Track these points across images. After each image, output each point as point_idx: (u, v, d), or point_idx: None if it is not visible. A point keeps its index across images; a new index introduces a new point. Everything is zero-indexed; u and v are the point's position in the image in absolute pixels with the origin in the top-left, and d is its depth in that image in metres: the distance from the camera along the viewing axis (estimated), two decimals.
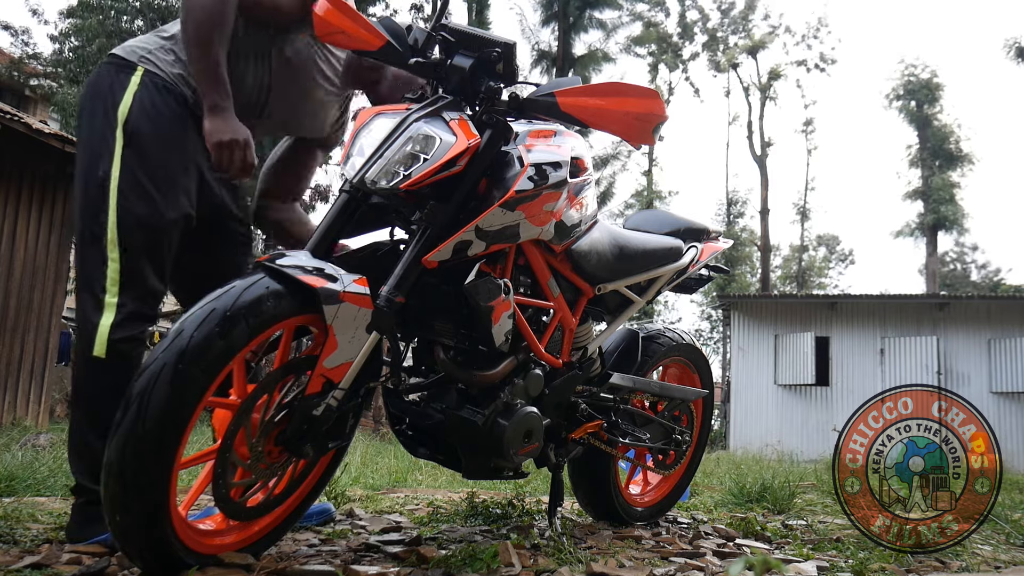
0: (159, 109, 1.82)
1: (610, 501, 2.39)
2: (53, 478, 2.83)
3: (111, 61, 1.88)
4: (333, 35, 1.72)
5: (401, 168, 1.54)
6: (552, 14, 19.92)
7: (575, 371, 2.06)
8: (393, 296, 1.51)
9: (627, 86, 1.61)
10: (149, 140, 1.79)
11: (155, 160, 1.79)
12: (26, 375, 7.82)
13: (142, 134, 1.79)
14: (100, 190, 1.76)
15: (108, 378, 1.69)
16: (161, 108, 1.82)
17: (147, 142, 1.79)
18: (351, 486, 3.30)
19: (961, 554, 2.11)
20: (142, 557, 1.33)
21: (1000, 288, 27.47)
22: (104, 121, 1.80)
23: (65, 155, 7.40)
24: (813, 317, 15.18)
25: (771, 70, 28.73)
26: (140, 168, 1.78)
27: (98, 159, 1.79)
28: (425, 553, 1.69)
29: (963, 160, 26.60)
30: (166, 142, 1.81)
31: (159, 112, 1.82)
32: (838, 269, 37.81)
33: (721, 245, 2.58)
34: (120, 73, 1.84)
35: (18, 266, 7.63)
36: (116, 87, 1.82)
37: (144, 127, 1.79)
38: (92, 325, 1.72)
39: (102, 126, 1.80)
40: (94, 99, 1.85)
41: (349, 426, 1.62)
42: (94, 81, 1.88)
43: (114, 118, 1.79)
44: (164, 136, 1.81)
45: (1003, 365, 14.13)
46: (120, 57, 1.87)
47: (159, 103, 1.82)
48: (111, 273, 1.74)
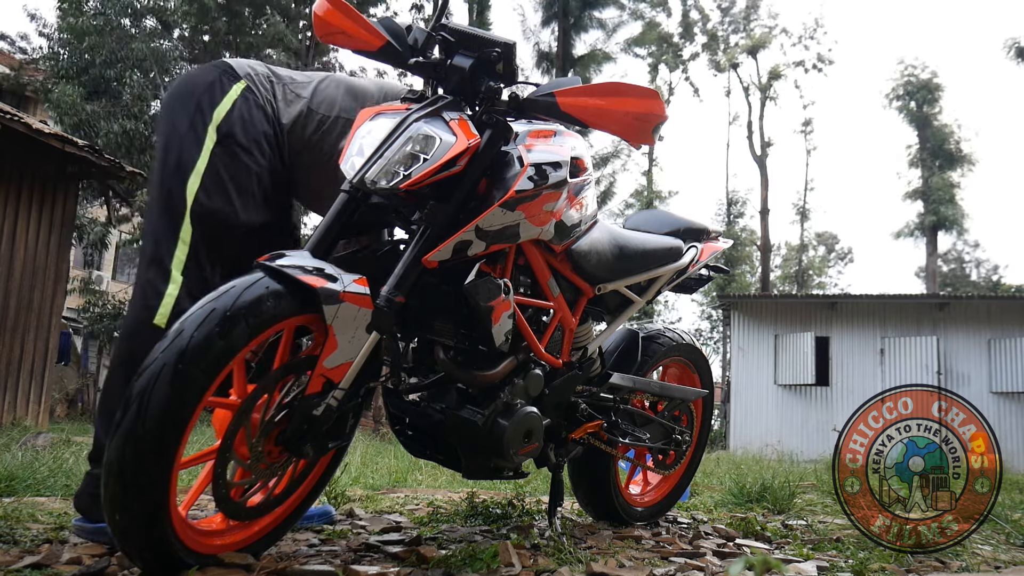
0: (255, 123, 1.92)
1: (610, 501, 2.40)
2: (53, 478, 2.83)
3: (217, 65, 1.99)
4: (333, 35, 1.72)
5: (401, 168, 1.54)
6: (552, 14, 19.94)
7: (575, 371, 2.06)
8: (393, 296, 1.51)
9: (627, 86, 1.61)
10: (239, 146, 1.88)
11: (241, 165, 1.88)
12: (26, 375, 7.83)
13: (235, 138, 1.88)
14: (180, 172, 1.85)
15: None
16: (257, 123, 1.92)
17: (237, 147, 1.88)
18: (351, 486, 3.30)
19: (961, 554, 2.11)
20: (142, 557, 1.33)
21: (1000, 288, 27.49)
22: (197, 113, 1.89)
23: (65, 155, 7.41)
24: (813, 317, 15.18)
25: (771, 70, 28.73)
26: (225, 168, 1.86)
27: (182, 142, 1.87)
28: (425, 553, 1.69)
29: (963, 160, 26.63)
30: (253, 153, 1.90)
31: (255, 126, 1.91)
32: (837, 268, 37.87)
33: (721, 245, 2.58)
34: (224, 77, 1.94)
35: (18, 266, 7.64)
36: (216, 88, 1.92)
37: (237, 133, 1.89)
38: (158, 293, 1.80)
39: (194, 116, 1.89)
40: (191, 90, 1.93)
41: (349, 426, 1.62)
42: (195, 75, 1.99)
43: (209, 114, 1.88)
44: (253, 147, 1.90)
45: (1003, 365, 14.13)
46: (228, 65, 1.98)
47: (257, 118, 1.92)
48: (179, 253, 1.82)
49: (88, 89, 13.78)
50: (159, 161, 1.91)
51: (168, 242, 1.83)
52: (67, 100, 12.38)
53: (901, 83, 27.81)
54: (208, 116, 1.88)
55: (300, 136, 1.98)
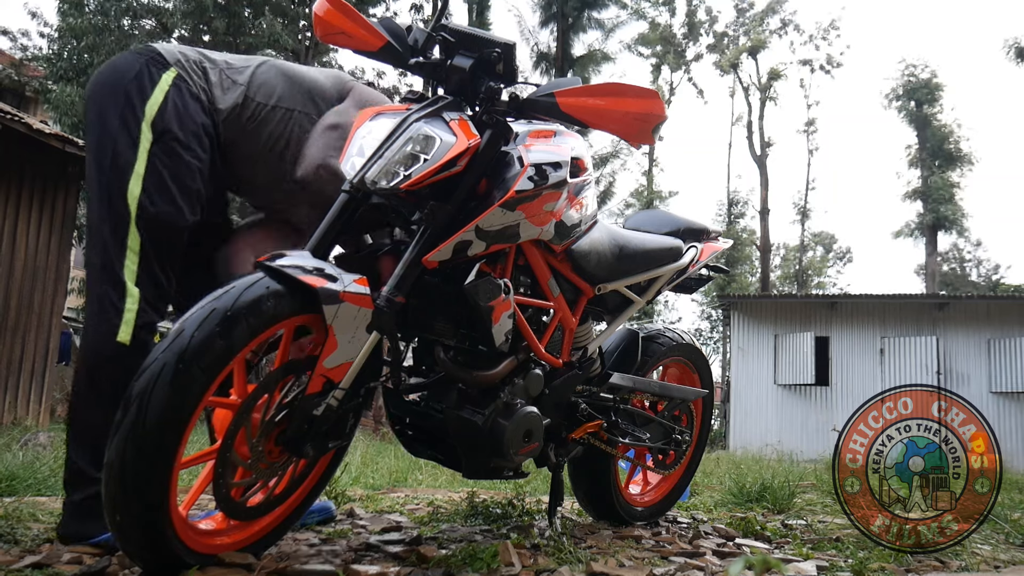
0: (191, 115, 1.81)
1: (610, 501, 2.40)
2: (53, 478, 2.83)
3: (142, 52, 1.84)
4: (333, 36, 1.72)
5: (401, 168, 1.54)
6: (551, 15, 19.93)
7: (575, 371, 2.06)
8: (393, 296, 1.52)
9: (627, 86, 1.61)
10: (178, 142, 1.78)
11: (182, 163, 1.78)
12: (27, 375, 7.83)
13: (172, 134, 1.77)
14: (118, 176, 1.74)
15: (131, 361, 1.59)
16: (194, 114, 1.82)
17: (176, 144, 1.78)
18: (351, 486, 3.30)
19: (961, 554, 2.11)
20: (142, 557, 1.34)
21: (1000, 288, 27.48)
22: (127, 107, 1.77)
23: (65, 155, 7.42)
24: (813, 317, 15.18)
25: (771, 70, 28.71)
26: (166, 168, 1.76)
27: (116, 141, 1.75)
28: (425, 553, 1.69)
29: (963, 160, 26.62)
30: (193, 148, 1.80)
31: (192, 119, 1.81)
32: (836, 268, 37.84)
33: (721, 245, 2.59)
34: (151, 65, 1.81)
35: (19, 266, 7.64)
36: (144, 78, 1.79)
37: (174, 128, 1.78)
38: (118, 310, 1.70)
39: (124, 111, 1.77)
40: (116, 79, 1.80)
41: (349, 426, 1.62)
42: (119, 63, 1.84)
43: (140, 109, 1.76)
44: (192, 141, 1.80)
45: (1003, 365, 14.13)
46: (155, 51, 1.84)
47: (193, 109, 1.82)
48: (130, 264, 1.73)
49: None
50: (93, 161, 1.79)
51: (117, 252, 1.73)
52: (67, 100, 12.36)
53: (901, 83, 27.81)
54: (140, 111, 1.75)
55: (236, 124, 1.88)
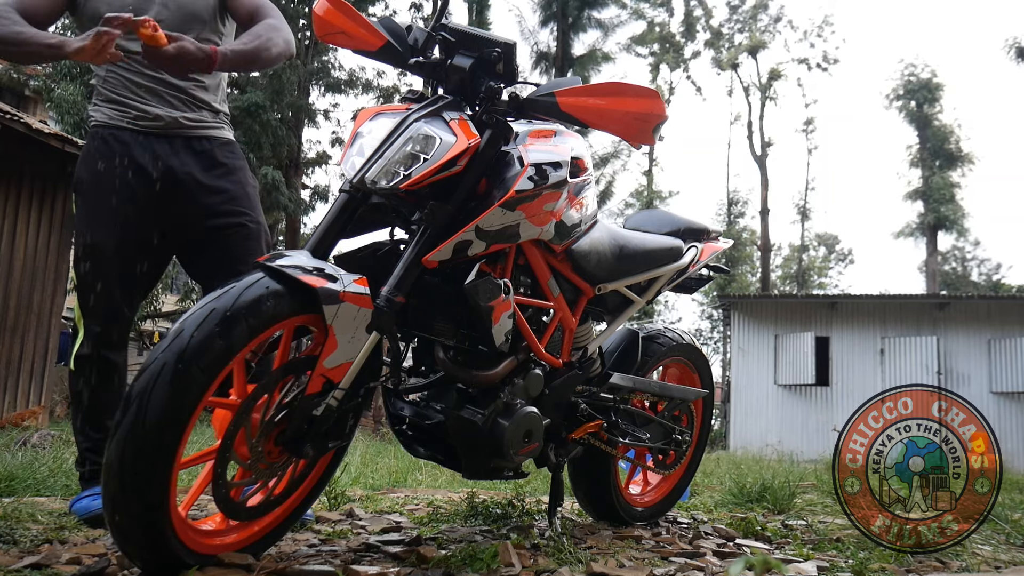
0: (94, 152, 2.08)
1: (610, 501, 2.39)
2: (53, 478, 2.84)
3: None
4: (333, 35, 1.72)
5: (401, 168, 1.54)
6: (551, 14, 19.92)
7: (575, 371, 2.06)
8: (393, 296, 1.51)
9: (627, 86, 1.61)
10: (87, 183, 2.07)
11: (92, 198, 2.06)
12: (26, 375, 7.82)
13: (82, 180, 2.09)
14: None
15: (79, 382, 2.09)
16: (97, 150, 2.08)
17: (86, 186, 2.08)
18: (351, 486, 3.30)
19: (961, 554, 2.11)
20: (141, 557, 1.33)
21: (1000, 288, 27.48)
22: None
23: (65, 155, 7.40)
24: (813, 317, 15.18)
25: (771, 70, 28.70)
26: (84, 207, 2.06)
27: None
28: (425, 553, 1.69)
29: (963, 160, 26.59)
30: (100, 180, 2.05)
31: (94, 155, 2.08)
32: (838, 268, 37.84)
33: (721, 245, 2.58)
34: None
35: (18, 266, 7.63)
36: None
37: (83, 173, 2.09)
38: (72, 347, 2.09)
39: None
40: None
41: (349, 426, 1.62)
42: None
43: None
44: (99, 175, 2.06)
45: (1003, 365, 14.13)
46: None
47: (96, 147, 2.09)
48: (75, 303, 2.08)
49: (89, 89, 13.77)
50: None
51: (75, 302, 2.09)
52: (68, 100, 12.35)
53: (902, 83, 27.77)
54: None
55: None
